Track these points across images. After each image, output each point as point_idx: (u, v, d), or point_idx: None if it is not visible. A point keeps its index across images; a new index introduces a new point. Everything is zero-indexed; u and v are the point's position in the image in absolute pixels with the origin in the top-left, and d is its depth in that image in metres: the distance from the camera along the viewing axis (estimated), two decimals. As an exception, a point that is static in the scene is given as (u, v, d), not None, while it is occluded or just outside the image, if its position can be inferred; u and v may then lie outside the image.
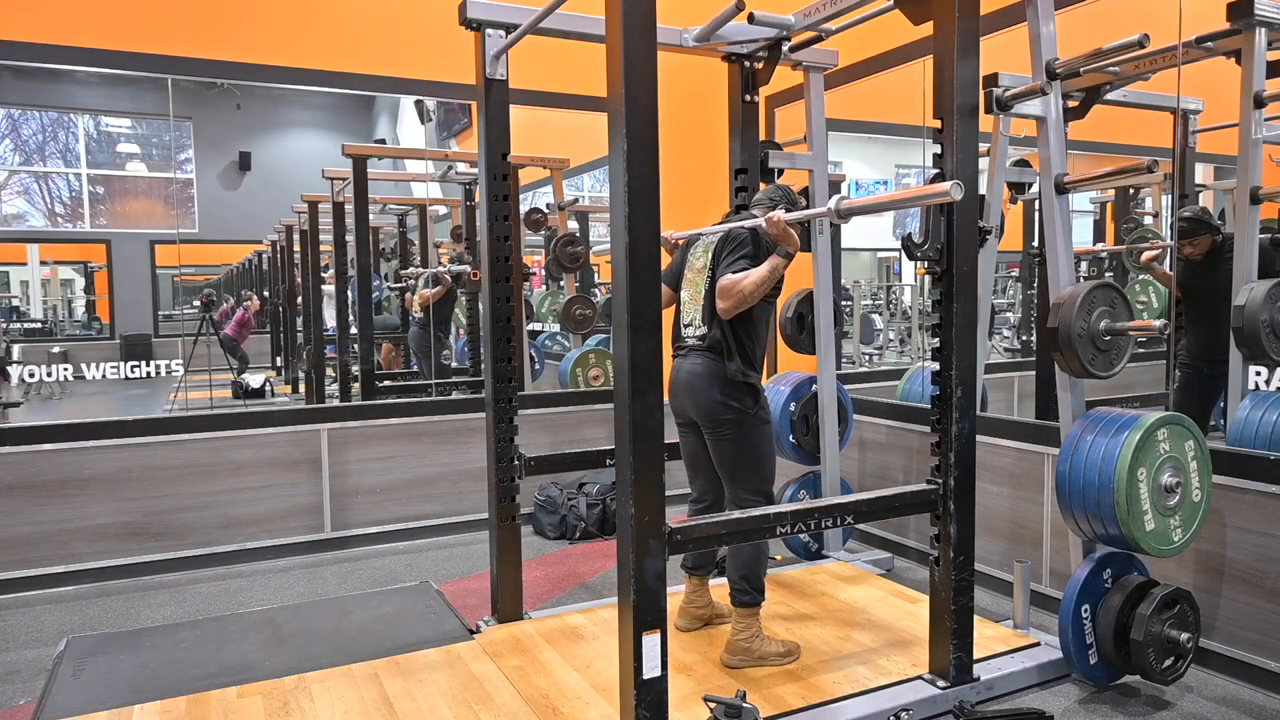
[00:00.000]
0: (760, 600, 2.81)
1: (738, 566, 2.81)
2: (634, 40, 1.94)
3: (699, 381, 2.78)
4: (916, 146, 4.17)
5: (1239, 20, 2.95)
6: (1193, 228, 3.36)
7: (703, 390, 2.77)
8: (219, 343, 5.59)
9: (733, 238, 2.76)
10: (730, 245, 2.75)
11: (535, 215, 5.83)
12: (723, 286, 2.67)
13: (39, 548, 3.80)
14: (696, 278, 2.89)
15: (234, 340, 5.71)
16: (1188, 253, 3.36)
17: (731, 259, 2.71)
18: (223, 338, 5.64)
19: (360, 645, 3.03)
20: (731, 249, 2.74)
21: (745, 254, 2.70)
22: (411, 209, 5.88)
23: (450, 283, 5.49)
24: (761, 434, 2.81)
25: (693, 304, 2.89)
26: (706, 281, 2.82)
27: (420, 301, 5.51)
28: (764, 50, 3.52)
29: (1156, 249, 3.69)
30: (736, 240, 2.75)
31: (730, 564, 2.84)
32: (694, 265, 2.93)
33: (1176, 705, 2.65)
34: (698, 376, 2.78)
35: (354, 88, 4.55)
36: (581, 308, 5.57)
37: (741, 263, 2.68)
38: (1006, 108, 2.88)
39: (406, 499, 4.53)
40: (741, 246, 2.72)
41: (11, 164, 5.10)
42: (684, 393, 2.84)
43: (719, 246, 2.81)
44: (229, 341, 5.69)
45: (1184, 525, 2.59)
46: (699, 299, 2.85)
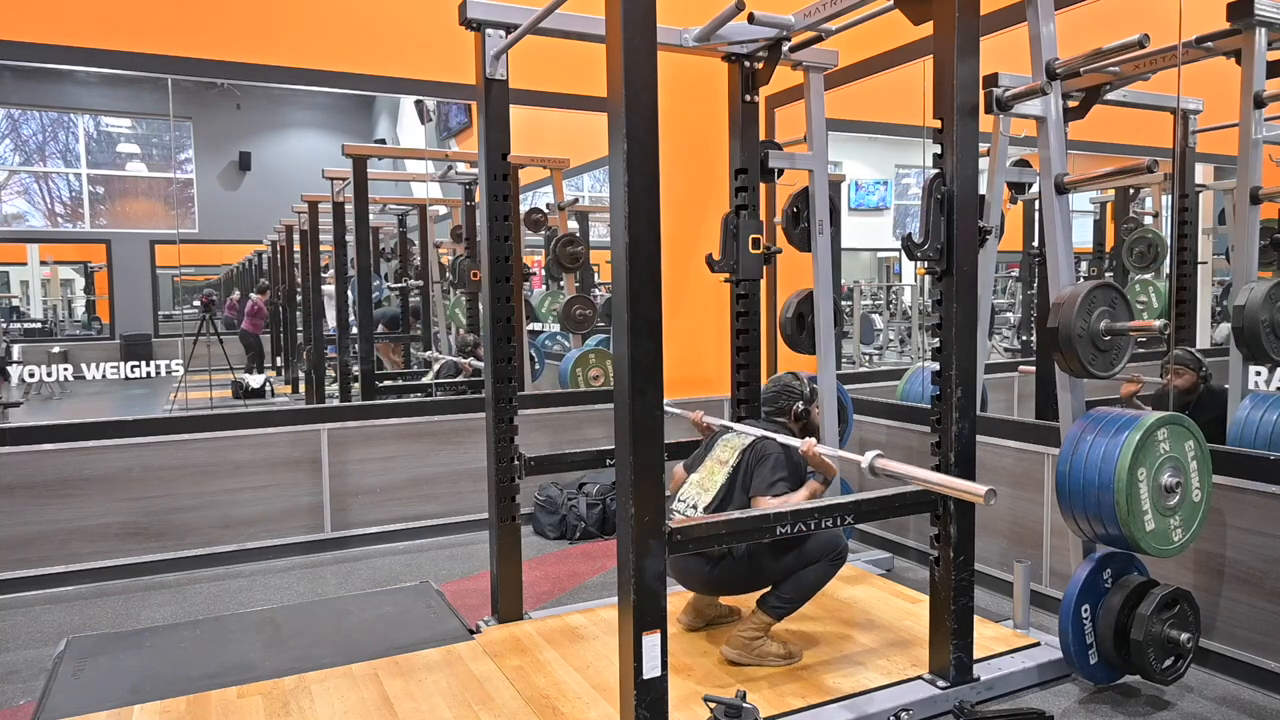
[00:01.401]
0: (784, 618, 2.84)
1: (799, 584, 2.79)
2: (634, 40, 1.94)
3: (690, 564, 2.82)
4: (916, 146, 4.17)
5: (1239, 20, 2.95)
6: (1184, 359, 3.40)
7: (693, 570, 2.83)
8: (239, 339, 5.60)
9: (768, 451, 2.82)
10: (766, 460, 2.80)
11: (535, 215, 5.83)
12: (765, 509, 2.63)
13: (39, 548, 3.80)
14: (716, 468, 2.92)
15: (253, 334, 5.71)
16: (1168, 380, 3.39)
17: (771, 478, 2.76)
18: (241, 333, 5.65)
19: (360, 645, 3.03)
20: (770, 465, 2.79)
21: (784, 476, 2.77)
22: (411, 209, 5.89)
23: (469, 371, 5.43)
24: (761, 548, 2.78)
25: (699, 487, 2.91)
26: (725, 476, 2.85)
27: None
28: (764, 50, 3.52)
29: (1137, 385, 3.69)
30: (772, 455, 2.81)
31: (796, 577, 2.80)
32: (716, 455, 2.97)
33: (1176, 705, 2.65)
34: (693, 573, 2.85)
35: (354, 88, 4.55)
36: (581, 308, 5.57)
37: (781, 485, 2.75)
38: (1006, 108, 2.88)
39: (406, 499, 4.53)
40: (779, 467, 2.79)
41: (11, 164, 5.10)
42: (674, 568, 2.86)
43: (750, 453, 2.85)
44: (248, 336, 5.69)
45: (1184, 525, 2.59)
46: (709, 486, 2.87)
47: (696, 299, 5.19)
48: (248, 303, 5.79)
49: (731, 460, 2.88)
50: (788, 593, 2.80)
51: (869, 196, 6.17)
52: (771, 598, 2.81)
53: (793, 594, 2.80)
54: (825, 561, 2.79)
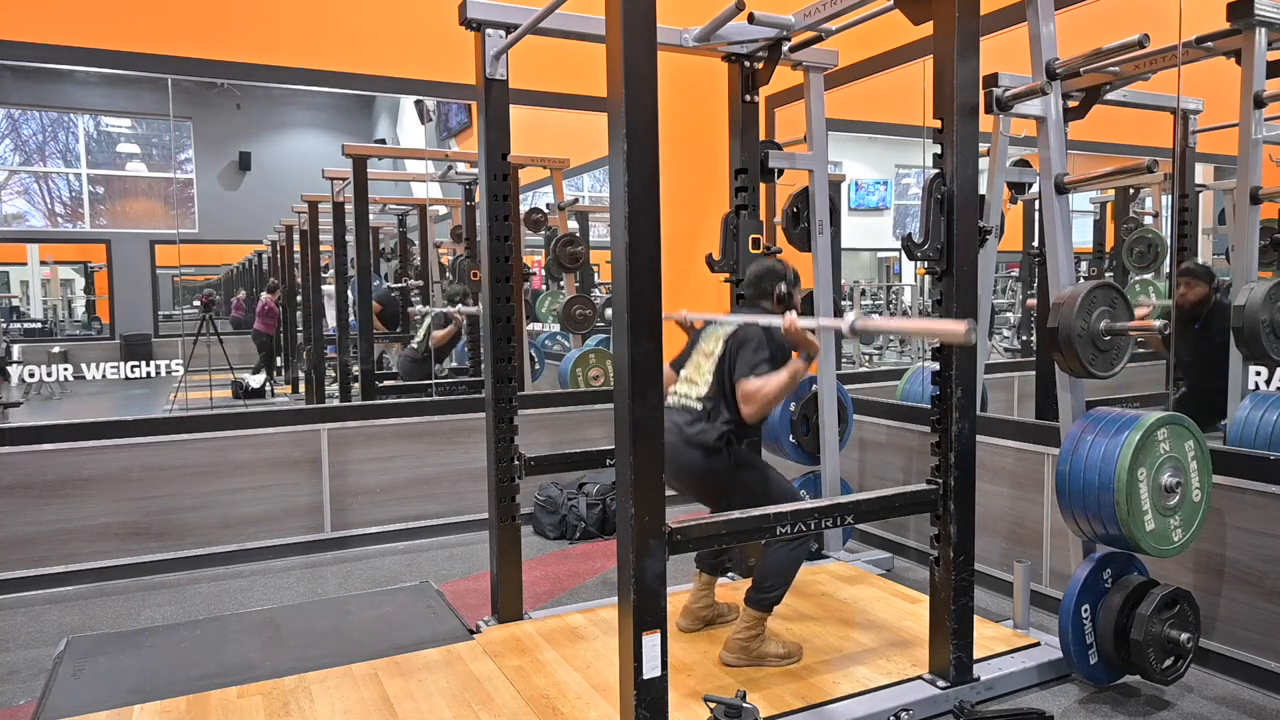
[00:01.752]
0: (775, 605, 2.82)
1: (768, 571, 2.79)
2: (634, 40, 1.94)
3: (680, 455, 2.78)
4: (916, 146, 4.17)
5: (1239, 20, 2.95)
6: (1194, 270, 3.37)
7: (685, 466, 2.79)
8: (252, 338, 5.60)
9: (749, 335, 2.77)
10: (749, 344, 2.75)
11: (535, 215, 5.83)
12: (746, 392, 2.65)
13: (39, 548, 3.80)
14: (703, 361, 2.90)
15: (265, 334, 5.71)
16: (1180, 294, 3.35)
17: (754, 359, 2.70)
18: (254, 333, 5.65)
19: (360, 645, 3.03)
20: (752, 348, 2.73)
21: (765, 357, 2.70)
22: (411, 209, 5.88)
23: (461, 322, 5.44)
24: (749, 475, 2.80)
25: (689, 382, 2.90)
26: (712, 367, 2.83)
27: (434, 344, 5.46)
28: (764, 50, 3.52)
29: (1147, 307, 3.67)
30: (753, 338, 2.75)
31: (762, 564, 2.81)
32: (701, 349, 2.95)
33: (1176, 705, 2.65)
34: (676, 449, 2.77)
35: (354, 88, 4.55)
36: (581, 308, 5.57)
37: (763, 366, 2.69)
38: (1006, 108, 2.88)
39: (406, 499, 4.53)
40: (761, 348, 2.72)
41: (11, 164, 5.10)
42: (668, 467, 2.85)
43: (733, 340, 2.81)
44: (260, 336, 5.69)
45: (1184, 525, 2.59)
46: (699, 380, 2.86)
47: (696, 299, 5.19)
48: (259, 302, 5.79)
49: (717, 350, 2.84)
50: (765, 580, 2.79)
51: (869, 196, 6.17)
52: (753, 590, 2.81)
53: (773, 580, 2.79)
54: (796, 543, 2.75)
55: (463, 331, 5.49)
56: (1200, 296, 3.31)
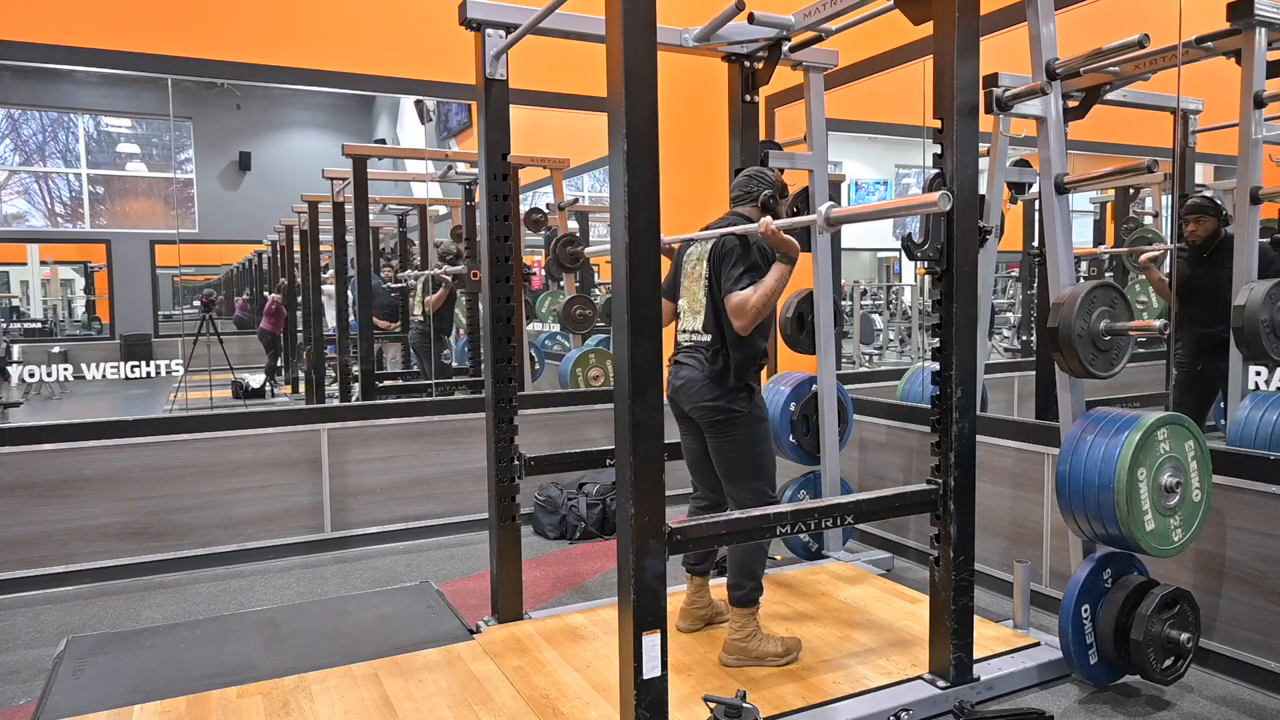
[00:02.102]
0: (756, 597, 2.81)
1: (734, 564, 2.81)
2: (634, 40, 1.94)
3: (696, 386, 2.79)
4: (916, 146, 4.18)
5: (1239, 20, 2.95)
6: (1202, 205, 3.33)
7: (699, 393, 2.78)
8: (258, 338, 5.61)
9: (727, 249, 2.72)
10: (728, 258, 2.71)
11: (535, 215, 5.83)
12: (734, 306, 2.64)
13: (39, 548, 3.80)
14: (694, 285, 2.88)
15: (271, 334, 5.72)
16: (1189, 230, 3.31)
17: (733, 274, 2.67)
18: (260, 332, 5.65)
19: (360, 645, 3.03)
20: (731, 263, 2.69)
21: (747, 267, 2.67)
22: (411, 209, 5.88)
23: (451, 284, 5.48)
24: (757, 432, 2.81)
25: (691, 313, 2.89)
26: (704, 289, 2.81)
27: (428, 307, 5.50)
28: (764, 50, 3.52)
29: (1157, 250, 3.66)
30: (731, 252, 2.71)
31: (728, 561, 2.84)
32: (689, 274, 2.92)
33: (1176, 705, 2.65)
34: (694, 381, 2.79)
35: (354, 88, 4.55)
36: (581, 308, 5.57)
37: (745, 278, 2.66)
38: (1006, 108, 2.88)
39: (406, 499, 4.53)
40: (740, 260, 2.68)
41: (11, 164, 5.10)
42: (682, 394, 2.85)
43: (714, 256, 2.77)
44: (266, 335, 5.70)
45: (1184, 525, 2.59)
46: (697, 307, 2.85)
47: (696, 299, 5.18)
48: (266, 302, 5.80)
49: (702, 271, 2.82)
50: (733, 576, 2.80)
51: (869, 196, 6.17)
52: (729, 590, 2.82)
53: (737, 575, 2.79)
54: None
55: (455, 293, 5.51)
56: (1210, 231, 3.28)
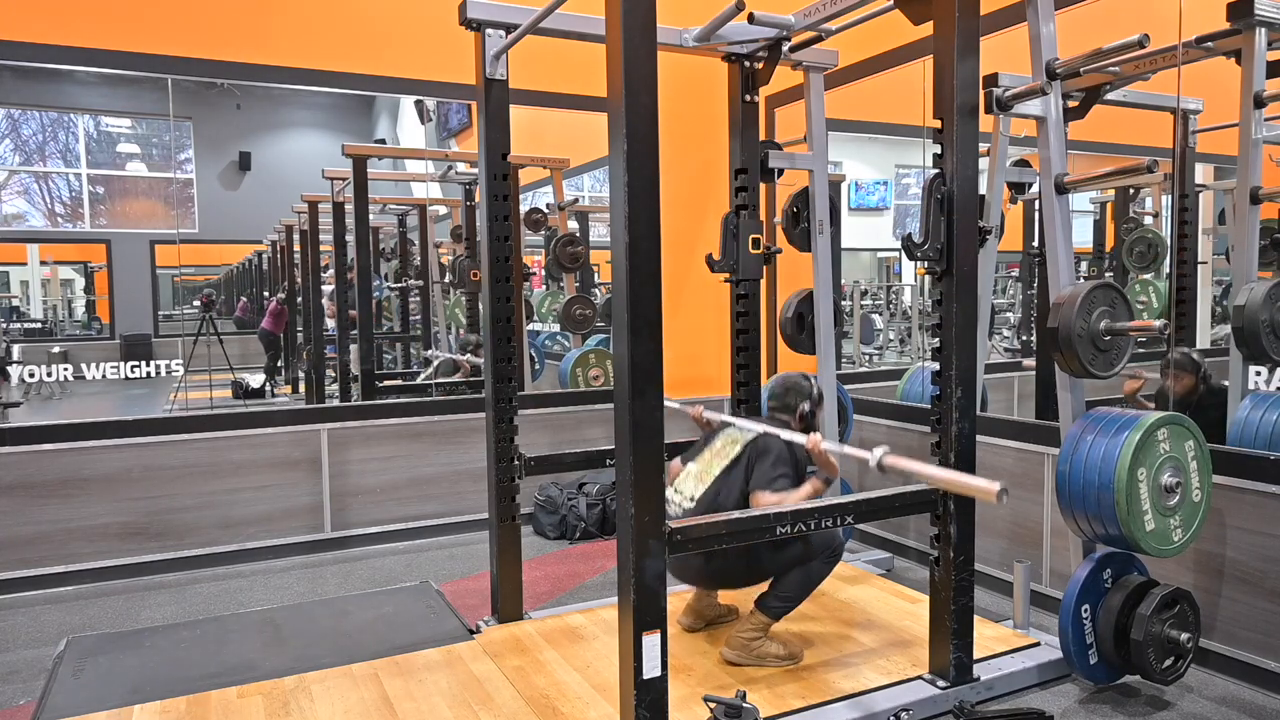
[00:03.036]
0: (782, 616, 2.83)
1: (793, 582, 2.79)
2: (634, 40, 1.94)
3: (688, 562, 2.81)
4: (916, 146, 4.17)
5: (1239, 20, 2.95)
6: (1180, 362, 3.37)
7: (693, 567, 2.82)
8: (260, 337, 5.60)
9: (770, 446, 2.78)
10: (768, 455, 2.76)
11: (535, 215, 5.83)
12: (762, 505, 2.63)
13: (39, 548, 3.80)
14: (715, 460, 2.89)
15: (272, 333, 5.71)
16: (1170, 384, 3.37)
17: (772, 472, 2.72)
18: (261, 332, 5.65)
19: (360, 645, 3.03)
20: (771, 461, 2.74)
21: (785, 472, 2.72)
22: (411, 209, 5.89)
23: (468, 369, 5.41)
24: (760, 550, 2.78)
25: (695, 478, 2.89)
26: (723, 470, 2.82)
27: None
28: (764, 50, 3.52)
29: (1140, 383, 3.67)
30: (774, 450, 2.76)
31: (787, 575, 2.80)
32: (715, 449, 2.93)
33: (1176, 705, 2.65)
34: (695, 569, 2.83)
35: (354, 88, 4.55)
36: (581, 308, 5.57)
37: (781, 481, 2.70)
38: (1006, 108, 2.88)
39: (406, 499, 4.53)
40: (781, 462, 2.74)
41: (11, 164, 5.10)
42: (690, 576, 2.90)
43: (753, 447, 2.81)
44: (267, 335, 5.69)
45: (1184, 525, 2.59)
46: (706, 479, 2.85)
47: (696, 299, 5.19)
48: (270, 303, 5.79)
49: (732, 453, 2.86)
50: (786, 591, 2.80)
51: (869, 196, 6.17)
52: (770, 597, 2.81)
53: (791, 592, 2.80)
54: (821, 560, 2.79)
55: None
56: (1188, 388, 3.33)
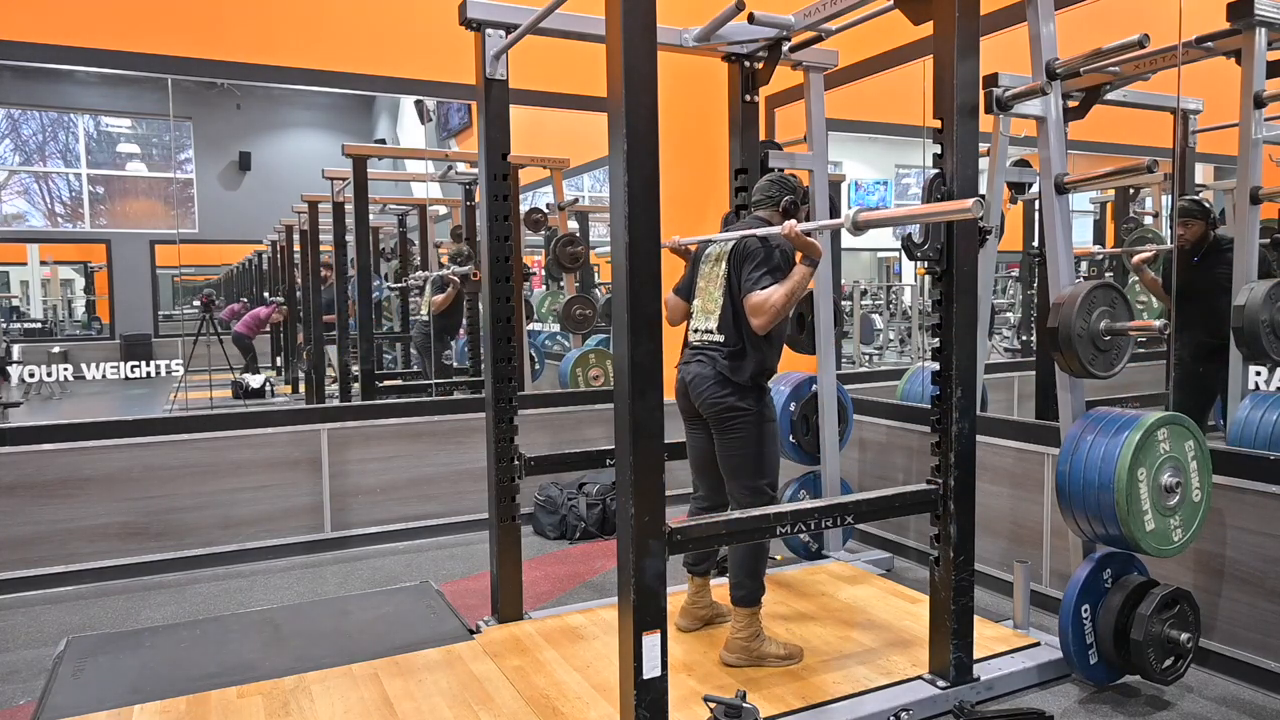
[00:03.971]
0: (758, 597, 2.81)
1: (735, 563, 2.81)
2: (634, 40, 1.94)
3: (706, 383, 2.78)
4: (916, 146, 4.17)
5: (1239, 20, 2.95)
6: (1189, 209, 3.35)
7: (710, 390, 2.78)
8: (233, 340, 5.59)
9: (749, 249, 2.74)
10: (750, 259, 2.72)
11: (535, 215, 5.83)
12: (754, 305, 2.64)
13: (39, 548, 3.80)
14: (710, 286, 2.88)
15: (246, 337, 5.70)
16: (1179, 235, 3.35)
17: (755, 274, 2.68)
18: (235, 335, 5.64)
19: (360, 645, 3.03)
20: (754, 264, 2.70)
21: (767, 269, 2.68)
22: (411, 209, 5.89)
23: (459, 284, 5.47)
24: (765, 431, 2.81)
25: (705, 312, 2.88)
26: (721, 290, 2.81)
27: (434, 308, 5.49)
28: (764, 50, 3.52)
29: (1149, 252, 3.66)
30: (754, 253, 2.72)
31: (730, 561, 2.85)
32: (706, 274, 2.92)
33: (1176, 705, 2.65)
34: (704, 379, 2.79)
35: (354, 88, 4.55)
36: (581, 308, 5.57)
37: (766, 279, 2.66)
38: (1006, 108, 2.88)
39: (406, 499, 4.53)
40: (764, 262, 2.69)
41: (11, 164, 5.10)
42: (692, 391, 2.84)
43: (734, 257, 2.78)
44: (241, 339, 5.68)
45: (1184, 525, 2.59)
46: (712, 307, 2.84)
47: (696, 299, 5.18)
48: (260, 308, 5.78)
49: (720, 271, 2.83)
50: (734, 576, 2.81)
51: (869, 196, 6.17)
52: (731, 589, 2.82)
53: (738, 574, 2.80)
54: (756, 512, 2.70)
55: (462, 294, 5.50)
56: (1198, 234, 3.31)
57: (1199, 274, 3.37)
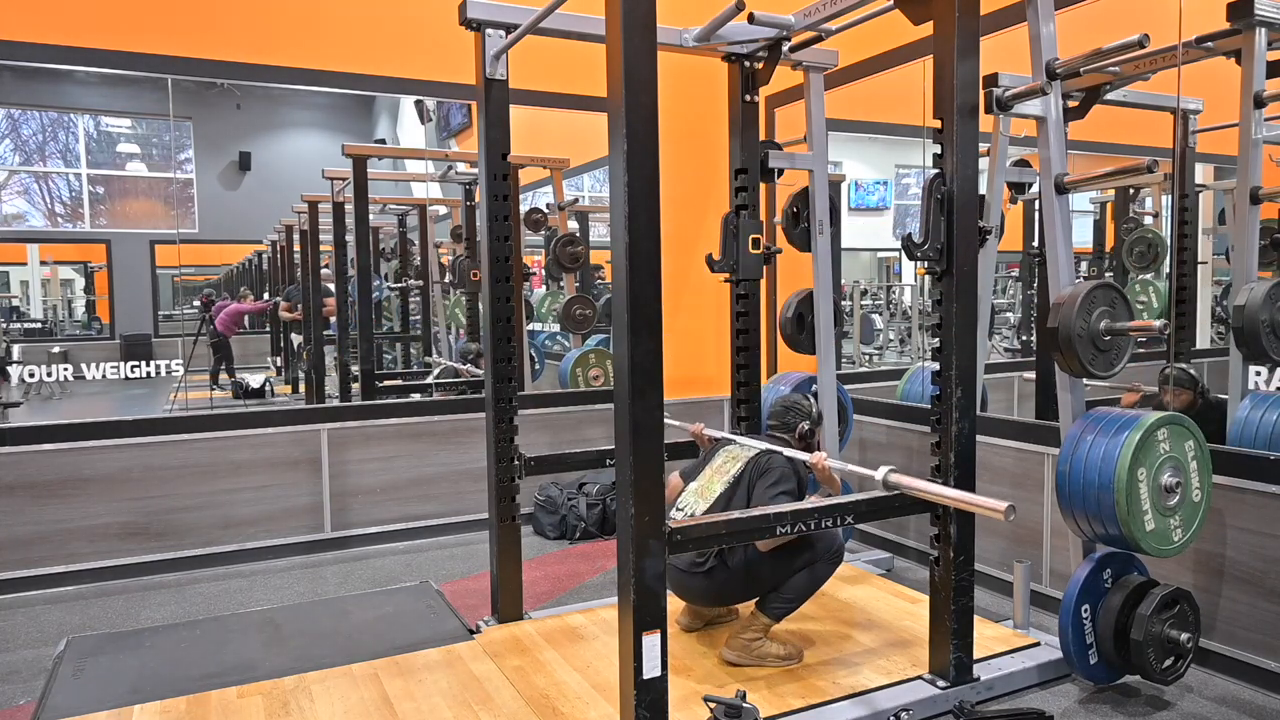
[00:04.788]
0: (783, 618, 2.83)
1: (794, 585, 2.79)
2: (634, 40, 1.94)
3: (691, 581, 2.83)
4: (916, 146, 4.17)
5: (1239, 20, 2.95)
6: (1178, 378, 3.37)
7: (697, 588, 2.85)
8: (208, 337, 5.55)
9: (773, 465, 2.79)
10: (771, 474, 2.76)
11: (535, 215, 5.83)
12: None
13: (39, 548, 3.80)
14: (715, 477, 2.90)
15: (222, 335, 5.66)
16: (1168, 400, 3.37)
17: (773, 490, 2.72)
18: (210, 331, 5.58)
19: (360, 645, 3.03)
20: (774, 479, 2.74)
21: (786, 490, 2.73)
22: (411, 209, 5.89)
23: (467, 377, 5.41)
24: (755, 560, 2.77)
25: (699, 496, 2.88)
26: (725, 486, 2.83)
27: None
28: (764, 50, 3.52)
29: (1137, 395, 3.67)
30: (777, 469, 2.77)
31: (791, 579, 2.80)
32: (716, 466, 2.94)
33: (1176, 705, 2.65)
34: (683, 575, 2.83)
35: (354, 88, 4.55)
36: (581, 308, 5.57)
37: (783, 498, 2.70)
38: (1006, 108, 2.88)
39: (406, 499, 4.53)
40: (783, 480, 2.75)
41: (11, 164, 5.10)
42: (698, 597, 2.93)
43: (754, 465, 2.82)
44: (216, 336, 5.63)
45: (1184, 525, 2.59)
46: (709, 495, 2.85)
47: (696, 299, 5.19)
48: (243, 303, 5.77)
49: (734, 470, 2.87)
50: (789, 593, 2.80)
51: (869, 196, 6.17)
52: (773, 599, 2.81)
53: (793, 594, 2.80)
54: (824, 561, 2.79)
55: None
56: (1187, 404, 3.33)
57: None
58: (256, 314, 5.83)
